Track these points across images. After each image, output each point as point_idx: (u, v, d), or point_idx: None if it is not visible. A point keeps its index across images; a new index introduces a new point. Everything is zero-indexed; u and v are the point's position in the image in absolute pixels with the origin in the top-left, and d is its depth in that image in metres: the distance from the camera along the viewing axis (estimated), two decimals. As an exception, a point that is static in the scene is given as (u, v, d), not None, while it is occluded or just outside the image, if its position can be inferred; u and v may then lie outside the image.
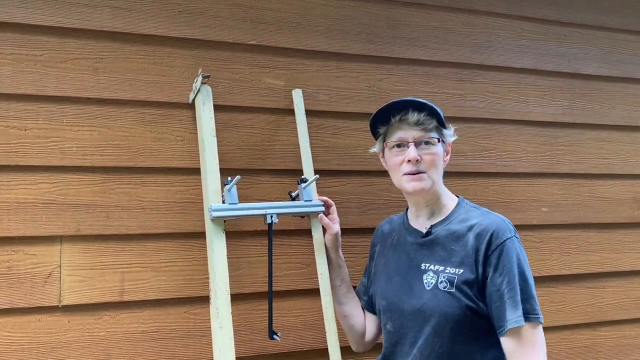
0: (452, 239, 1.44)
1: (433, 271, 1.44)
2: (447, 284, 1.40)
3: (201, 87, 1.67)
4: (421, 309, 1.43)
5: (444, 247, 1.45)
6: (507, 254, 1.39)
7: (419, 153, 1.45)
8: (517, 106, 2.22)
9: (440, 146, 1.49)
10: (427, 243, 1.49)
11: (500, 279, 1.37)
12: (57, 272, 1.60)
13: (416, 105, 1.46)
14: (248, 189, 1.80)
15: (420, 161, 1.45)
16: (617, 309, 2.26)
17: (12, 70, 1.61)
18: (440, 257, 1.45)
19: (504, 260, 1.38)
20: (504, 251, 1.39)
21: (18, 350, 1.55)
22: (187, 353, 1.69)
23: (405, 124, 1.46)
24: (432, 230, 1.49)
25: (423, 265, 1.47)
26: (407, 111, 1.45)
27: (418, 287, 1.45)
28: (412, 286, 1.47)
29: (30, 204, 1.60)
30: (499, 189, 2.16)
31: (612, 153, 2.35)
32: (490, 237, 1.40)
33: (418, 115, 1.45)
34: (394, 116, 1.48)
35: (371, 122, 1.55)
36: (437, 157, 1.47)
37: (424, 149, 1.46)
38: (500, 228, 1.42)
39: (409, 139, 1.46)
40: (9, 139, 1.60)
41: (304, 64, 1.93)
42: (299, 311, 1.83)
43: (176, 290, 1.70)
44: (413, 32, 2.09)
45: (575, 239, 2.24)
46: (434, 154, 1.47)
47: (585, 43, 2.36)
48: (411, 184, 1.46)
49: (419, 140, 1.46)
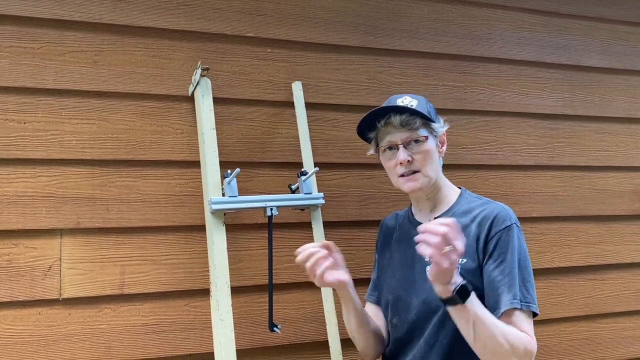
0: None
1: None
2: None
3: (200, 79, 1.67)
4: (426, 301, 1.43)
5: None
6: (505, 240, 1.39)
7: (410, 153, 1.45)
8: (518, 98, 2.22)
9: (432, 141, 1.48)
10: None
11: (495, 265, 1.37)
12: (58, 265, 1.60)
13: (396, 109, 1.46)
14: (248, 182, 1.80)
15: (412, 161, 1.45)
16: (616, 301, 2.26)
17: (10, 63, 1.61)
18: None
19: (502, 247, 1.38)
20: (502, 238, 1.39)
21: (19, 343, 1.55)
22: (188, 345, 1.70)
23: (392, 127, 1.46)
24: None
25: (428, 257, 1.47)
26: (389, 115, 1.46)
27: (424, 280, 1.45)
28: (418, 279, 1.47)
29: (30, 197, 1.59)
30: (499, 182, 2.16)
31: (612, 145, 2.34)
32: (490, 224, 1.41)
33: (401, 117, 1.44)
34: (379, 121, 1.48)
35: (358, 132, 1.55)
36: (429, 153, 1.47)
37: (414, 147, 1.46)
38: (500, 216, 1.42)
39: (397, 142, 1.46)
40: (8, 132, 1.59)
41: (304, 56, 1.93)
42: (299, 304, 1.83)
43: (176, 283, 1.70)
44: (413, 24, 2.09)
45: (575, 232, 2.24)
46: (424, 151, 1.46)
47: (586, 35, 2.35)
48: (407, 185, 1.47)
49: (408, 140, 1.46)
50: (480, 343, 1.28)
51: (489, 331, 1.27)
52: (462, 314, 1.27)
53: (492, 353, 1.29)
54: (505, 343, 1.27)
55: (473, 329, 1.27)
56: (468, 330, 1.28)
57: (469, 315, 1.26)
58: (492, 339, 1.27)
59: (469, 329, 1.28)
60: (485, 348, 1.29)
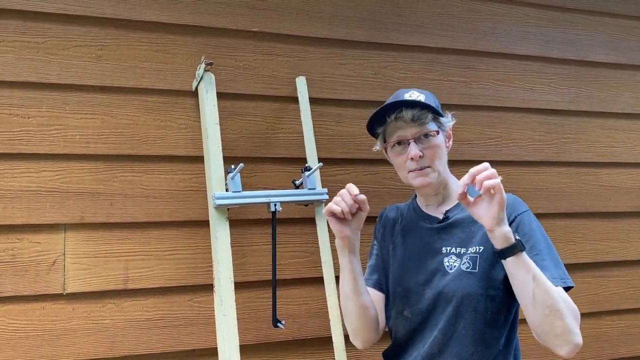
0: (471, 221, 1.44)
1: (455, 254, 1.44)
2: (469, 264, 1.40)
3: (204, 74, 1.66)
4: (443, 292, 1.41)
5: (463, 230, 1.45)
6: (527, 223, 1.40)
7: (420, 148, 1.44)
8: (523, 94, 2.20)
9: (441, 136, 1.48)
10: (445, 227, 1.49)
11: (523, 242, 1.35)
12: (61, 260, 1.60)
13: (408, 104, 1.45)
14: (251, 177, 1.80)
15: (422, 156, 1.44)
16: (622, 298, 2.25)
17: (14, 58, 1.61)
18: (460, 240, 1.45)
19: (525, 228, 1.39)
20: (522, 222, 1.40)
21: (23, 338, 1.55)
22: (192, 341, 1.70)
23: (402, 121, 1.45)
24: (449, 215, 1.50)
25: (444, 249, 1.46)
26: (401, 109, 1.44)
27: (439, 271, 1.44)
28: (432, 271, 1.46)
29: (34, 192, 1.60)
30: (504, 178, 2.11)
31: (618, 141, 2.32)
32: (507, 210, 1.38)
33: (412, 112, 1.43)
34: (389, 115, 1.47)
35: (368, 126, 1.53)
36: (439, 148, 1.47)
37: (424, 142, 1.45)
38: (515, 203, 1.45)
39: (408, 137, 1.45)
40: (12, 126, 1.59)
41: (308, 51, 1.92)
42: (303, 299, 1.82)
43: (180, 279, 1.70)
44: (418, 19, 2.07)
45: (580, 228, 2.22)
46: (435, 146, 1.46)
47: (592, 30, 2.33)
48: (418, 180, 1.46)
49: (418, 135, 1.45)
50: (539, 297, 1.25)
51: (545, 285, 1.25)
52: (522, 264, 1.25)
53: (550, 309, 1.25)
54: (561, 302, 1.25)
55: (533, 278, 1.25)
56: (527, 281, 1.25)
57: (528, 265, 1.25)
58: (550, 293, 1.24)
59: (529, 279, 1.25)
60: (544, 303, 1.25)
